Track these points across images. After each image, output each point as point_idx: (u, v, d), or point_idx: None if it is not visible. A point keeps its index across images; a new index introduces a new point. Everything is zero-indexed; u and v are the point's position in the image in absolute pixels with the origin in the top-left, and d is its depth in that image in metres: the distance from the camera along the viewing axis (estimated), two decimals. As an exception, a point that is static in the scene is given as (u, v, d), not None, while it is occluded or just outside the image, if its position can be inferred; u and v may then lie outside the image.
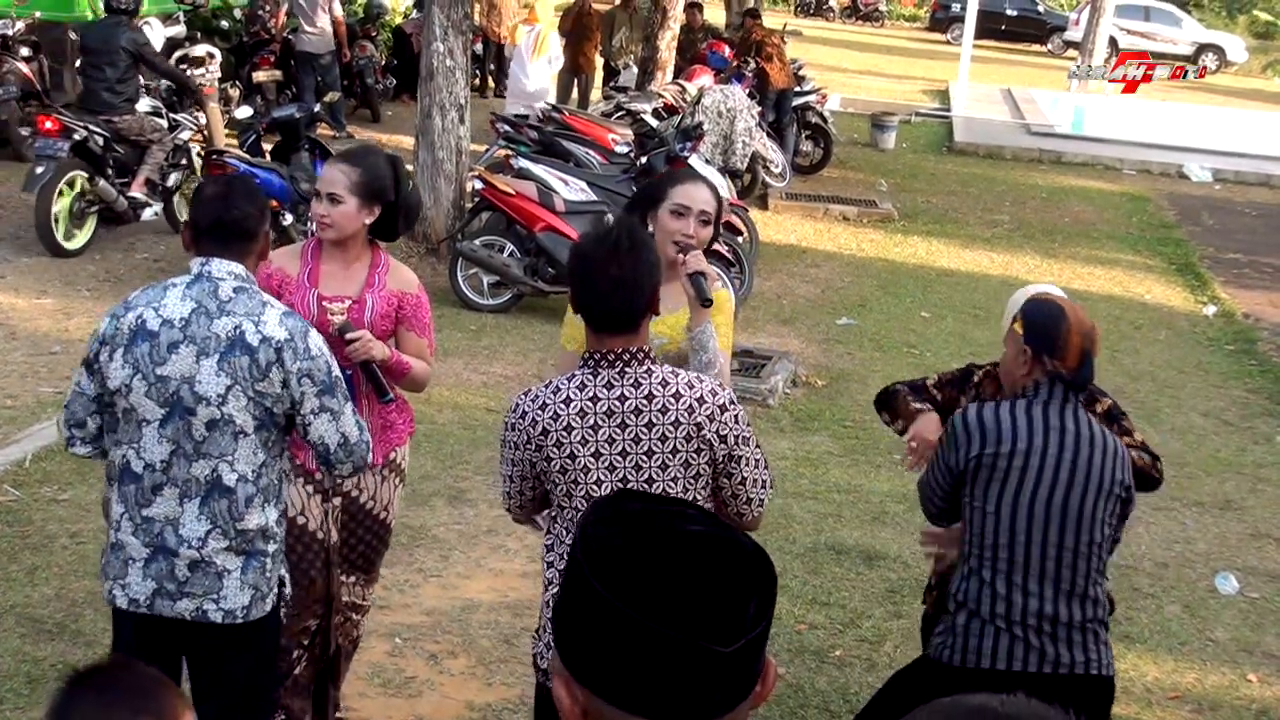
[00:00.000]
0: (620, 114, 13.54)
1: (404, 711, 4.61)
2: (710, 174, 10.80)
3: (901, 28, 41.08)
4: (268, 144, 10.56)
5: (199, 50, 13.15)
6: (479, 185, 9.52)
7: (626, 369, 3.10)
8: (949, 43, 33.64)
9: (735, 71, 14.90)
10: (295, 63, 14.77)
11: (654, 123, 12.17)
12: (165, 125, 10.32)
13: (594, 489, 3.09)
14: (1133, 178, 17.81)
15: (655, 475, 3.09)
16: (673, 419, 3.09)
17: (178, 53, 12.97)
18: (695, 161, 10.44)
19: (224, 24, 15.86)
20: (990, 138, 19.33)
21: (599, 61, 17.70)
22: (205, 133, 11.28)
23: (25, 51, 12.24)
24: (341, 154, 4.22)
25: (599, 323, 3.11)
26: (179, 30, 13.88)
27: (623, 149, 11.28)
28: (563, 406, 3.10)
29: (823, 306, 10.53)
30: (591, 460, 3.10)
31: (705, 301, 3.65)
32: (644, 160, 10.14)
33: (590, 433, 3.09)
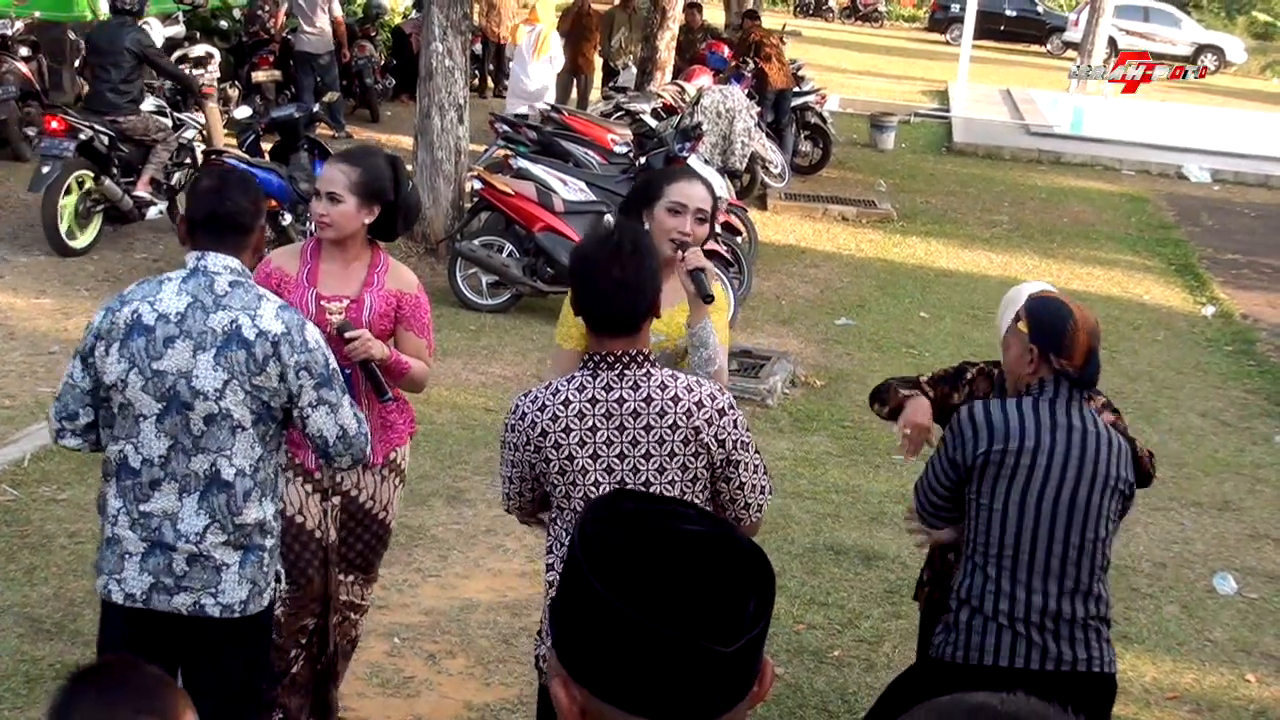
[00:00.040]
0: (619, 114, 13.53)
1: (402, 711, 4.61)
2: (709, 174, 10.80)
3: (900, 28, 41.07)
4: (267, 144, 10.56)
5: (198, 50, 13.16)
6: (478, 185, 9.52)
7: (626, 371, 3.09)
8: (948, 43, 33.63)
9: (734, 72, 14.90)
10: (294, 63, 14.77)
11: (653, 123, 12.17)
12: (170, 125, 10.36)
13: (591, 491, 3.08)
14: (1132, 178, 17.81)
15: (652, 478, 3.09)
16: (670, 422, 3.08)
17: (176, 53, 12.95)
18: (694, 162, 10.44)
19: (223, 24, 15.87)
20: (989, 138, 19.34)
21: (598, 62, 17.70)
22: (204, 133, 11.29)
23: (24, 51, 12.25)
24: (341, 154, 4.22)
25: (600, 325, 3.11)
26: (178, 30, 13.86)
27: (622, 149, 11.28)
28: (561, 408, 3.10)
29: (821, 307, 10.53)
30: (589, 462, 3.10)
31: (707, 298, 3.65)
32: (643, 160, 10.14)
33: (588, 435, 3.09)
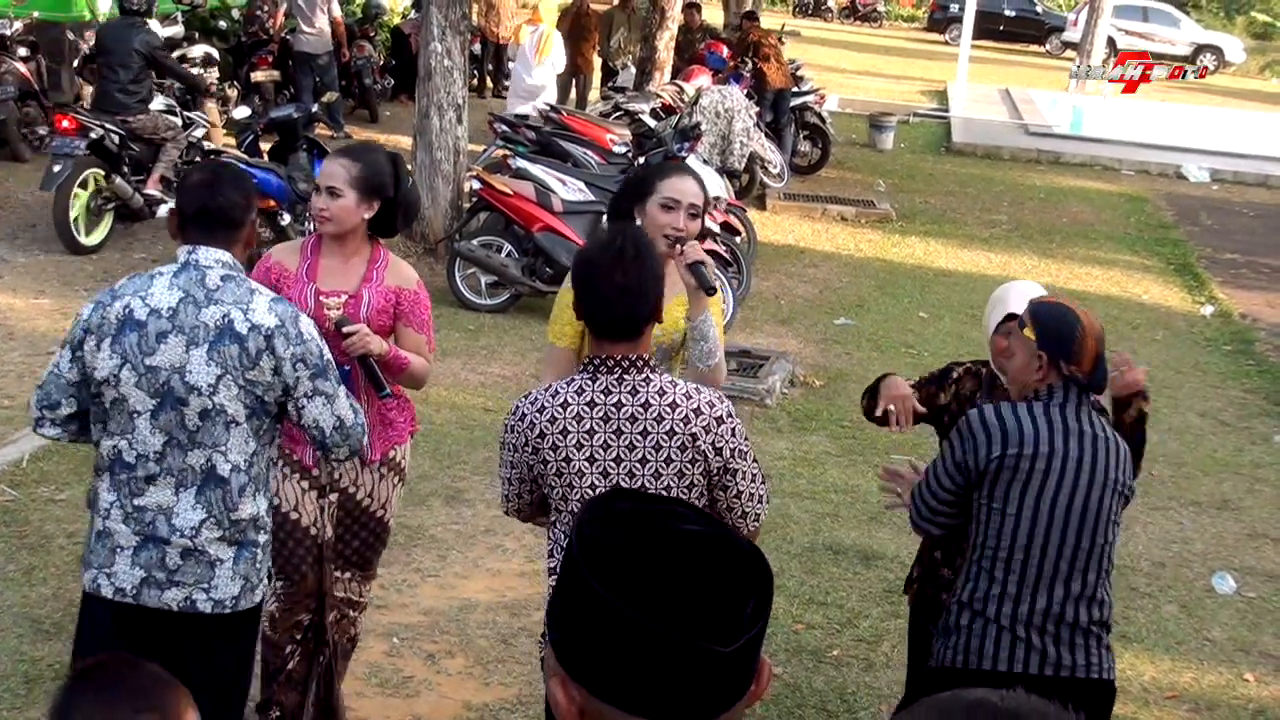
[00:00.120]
0: (618, 114, 13.53)
1: (401, 711, 4.61)
2: (708, 174, 10.80)
3: (899, 28, 41.07)
4: (265, 144, 10.57)
5: (196, 51, 13.16)
6: (477, 185, 9.53)
7: (625, 376, 3.10)
8: (947, 43, 33.63)
9: (733, 72, 14.91)
10: (293, 63, 14.77)
11: (652, 123, 12.18)
12: (179, 123, 10.43)
13: (588, 494, 3.09)
14: (1131, 178, 17.82)
15: (649, 483, 3.09)
16: (667, 428, 3.08)
17: (175, 53, 12.95)
18: (693, 161, 10.45)
19: (222, 24, 15.87)
20: (988, 138, 19.34)
21: (597, 62, 17.70)
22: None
23: (23, 52, 12.27)
24: (342, 149, 4.22)
25: (601, 329, 3.11)
26: (177, 30, 13.86)
27: (620, 149, 11.28)
28: (560, 410, 3.10)
29: (820, 307, 10.53)
30: (586, 465, 3.10)
31: (709, 290, 3.65)
32: (642, 160, 10.14)
33: (586, 437, 3.09)
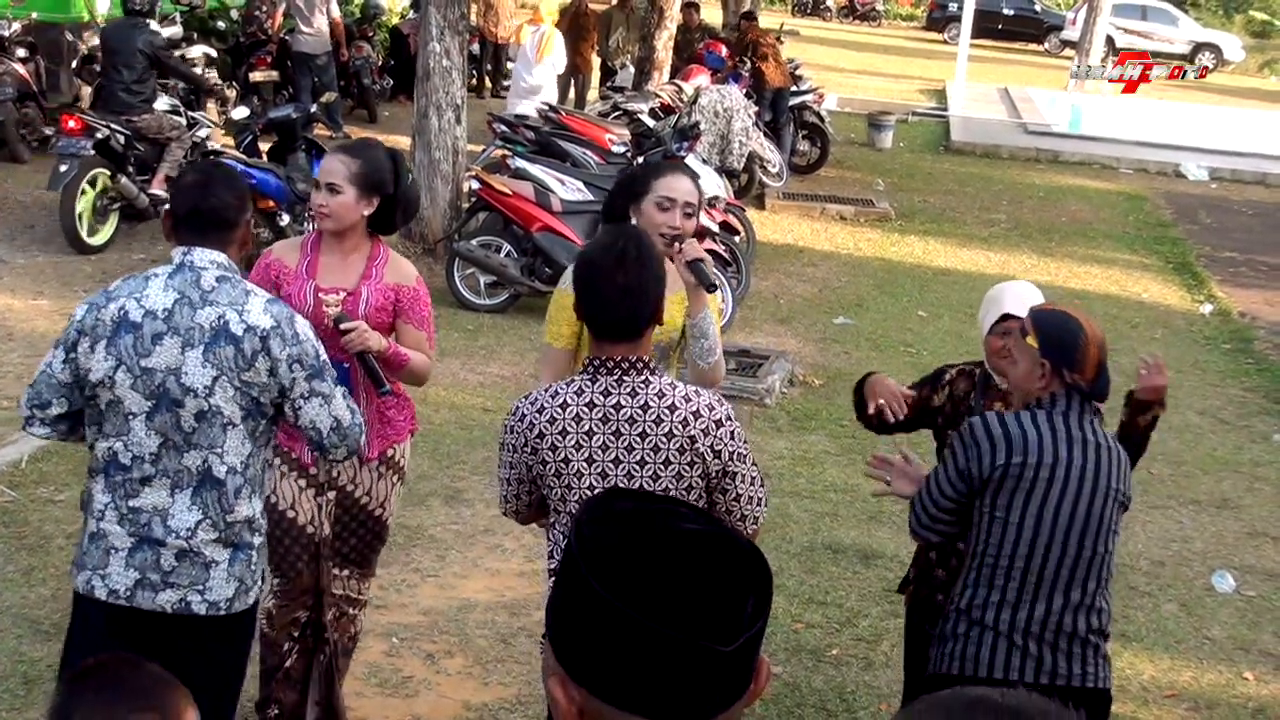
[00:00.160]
0: (617, 114, 13.53)
1: (401, 711, 4.61)
2: (707, 173, 10.80)
3: (898, 27, 41.07)
4: (264, 144, 10.57)
5: (195, 51, 13.17)
6: (476, 185, 9.53)
7: (625, 377, 3.10)
8: (946, 42, 33.63)
9: (732, 71, 14.91)
10: (292, 63, 14.78)
11: (651, 122, 12.17)
12: (184, 123, 10.46)
13: (587, 494, 3.09)
14: (1129, 177, 17.82)
15: (647, 485, 3.09)
16: (666, 430, 3.08)
17: (174, 54, 12.96)
18: (692, 161, 10.44)
19: (220, 25, 15.87)
20: (987, 137, 19.34)
21: (595, 61, 17.69)
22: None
23: (22, 53, 12.27)
24: (342, 145, 4.22)
25: (602, 330, 3.11)
26: (175, 31, 13.85)
27: (619, 149, 11.28)
28: (559, 410, 3.11)
29: (820, 306, 10.54)
30: (585, 465, 3.10)
31: (710, 286, 3.65)
32: (641, 160, 10.13)
33: (585, 438, 3.09)
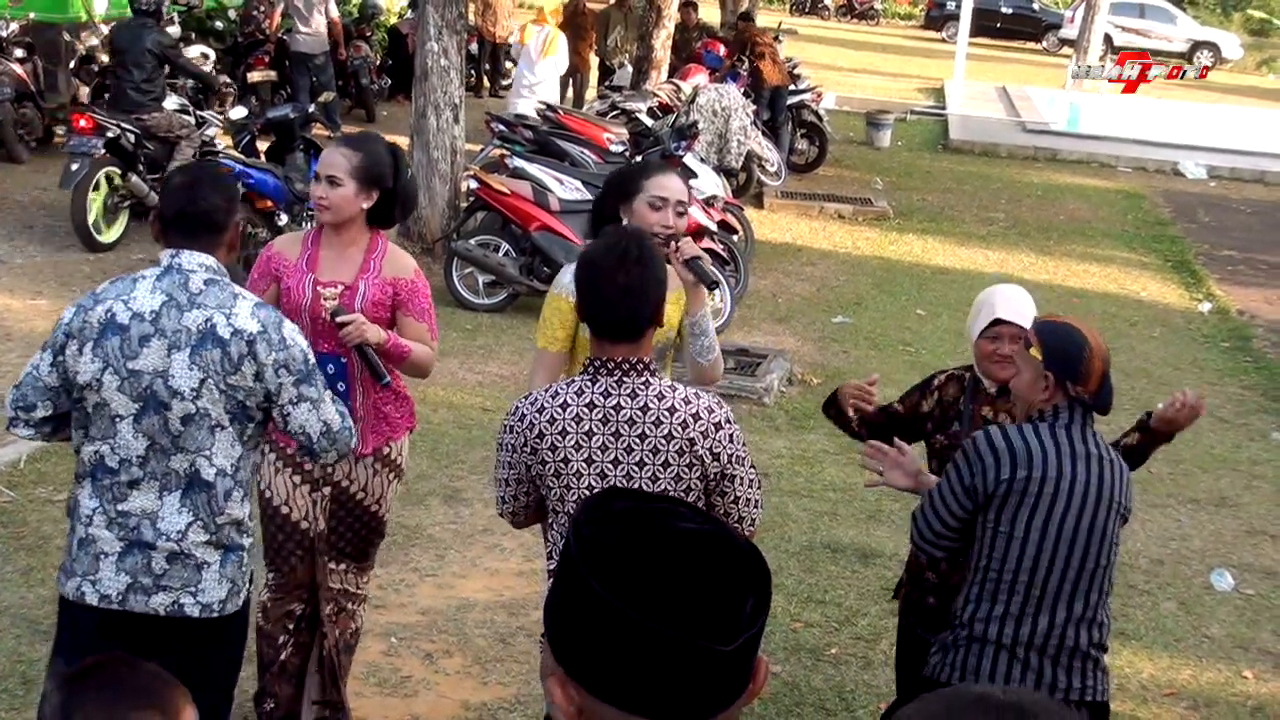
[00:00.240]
0: (615, 113, 13.53)
1: (400, 711, 4.61)
2: (705, 172, 10.81)
3: (896, 25, 41.08)
4: (262, 144, 10.57)
5: (193, 51, 13.17)
6: (474, 185, 9.53)
7: (625, 379, 3.10)
8: (944, 40, 33.64)
9: (730, 70, 14.91)
10: (290, 63, 14.78)
11: (649, 122, 12.18)
12: (193, 122, 10.51)
13: (585, 495, 3.08)
14: (1128, 175, 17.82)
15: (645, 487, 3.09)
16: (666, 432, 3.09)
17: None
18: (690, 160, 10.45)
19: (218, 25, 15.88)
20: (985, 135, 19.34)
21: (594, 61, 17.69)
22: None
23: (19, 53, 12.28)
24: (343, 138, 4.22)
25: (603, 330, 3.12)
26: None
27: (618, 148, 11.28)
28: (559, 410, 3.11)
29: (818, 305, 10.54)
30: (584, 466, 3.10)
31: (711, 284, 3.64)
32: (639, 159, 10.13)
33: (584, 438, 3.09)
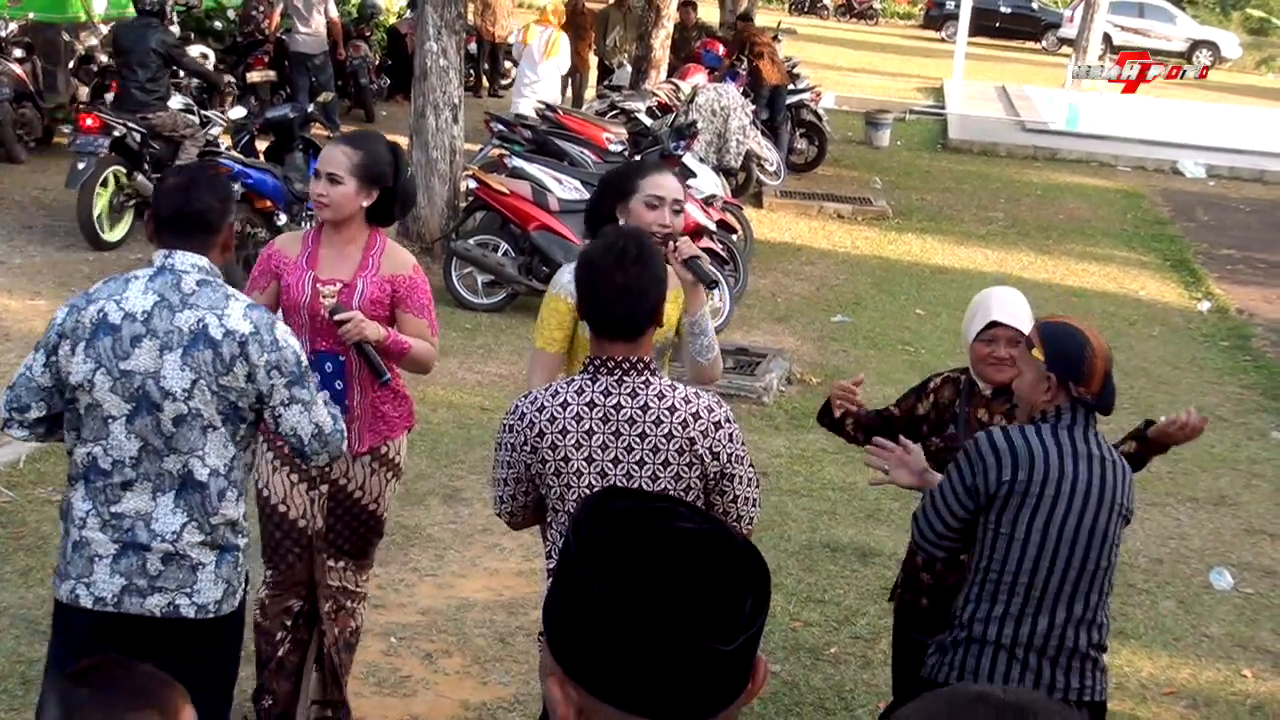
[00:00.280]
0: (614, 113, 13.53)
1: (399, 711, 4.61)
2: (704, 172, 10.81)
3: (896, 25, 41.09)
4: (262, 144, 10.58)
5: (192, 51, 13.16)
6: (473, 184, 9.53)
7: (625, 378, 3.10)
8: (943, 40, 33.66)
9: (729, 69, 14.91)
10: (289, 63, 14.78)
11: (648, 121, 12.17)
12: (197, 121, 10.51)
13: (585, 494, 3.08)
14: (1127, 174, 17.83)
15: (645, 486, 3.09)
16: (666, 431, 3.09)
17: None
18: (689, 160, 10.45)
19: (217, 25, 15.88)
20: (985, 135, 19.34)
21: (593, 60, 17.69)
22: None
23: (18, 53, 12.29)
24: (343, 136, 4.23)
25: (602, 329, 3.12)
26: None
27: (617, 148, 11.27)
28: (559, 409, 3.11)
29: (817, 304, 10.54)
30: (584, 465, 3.10)
31: (711, 283, 3.64)
32: (638, 159, 10.13)
33: (585, 437, 3.10)
